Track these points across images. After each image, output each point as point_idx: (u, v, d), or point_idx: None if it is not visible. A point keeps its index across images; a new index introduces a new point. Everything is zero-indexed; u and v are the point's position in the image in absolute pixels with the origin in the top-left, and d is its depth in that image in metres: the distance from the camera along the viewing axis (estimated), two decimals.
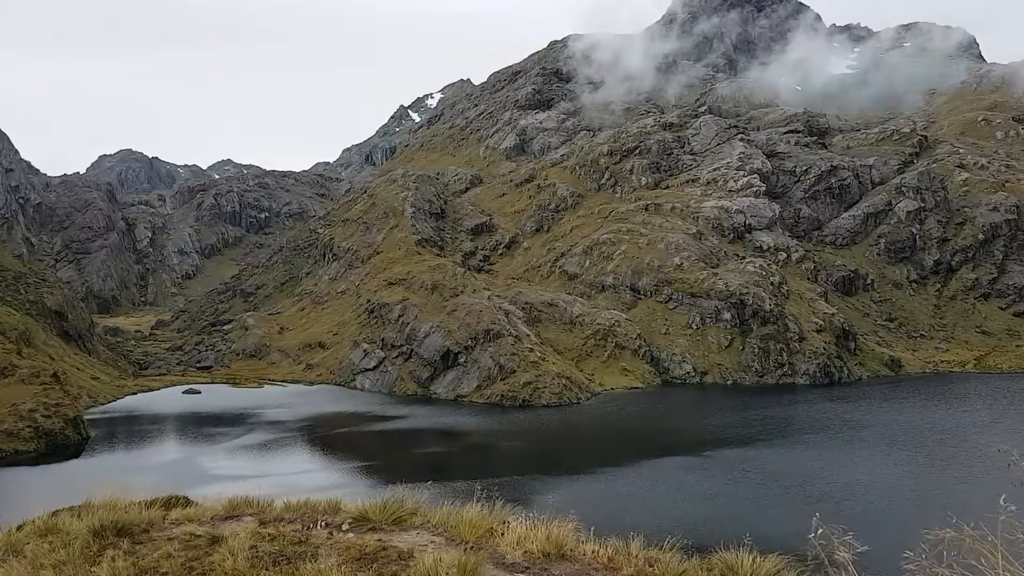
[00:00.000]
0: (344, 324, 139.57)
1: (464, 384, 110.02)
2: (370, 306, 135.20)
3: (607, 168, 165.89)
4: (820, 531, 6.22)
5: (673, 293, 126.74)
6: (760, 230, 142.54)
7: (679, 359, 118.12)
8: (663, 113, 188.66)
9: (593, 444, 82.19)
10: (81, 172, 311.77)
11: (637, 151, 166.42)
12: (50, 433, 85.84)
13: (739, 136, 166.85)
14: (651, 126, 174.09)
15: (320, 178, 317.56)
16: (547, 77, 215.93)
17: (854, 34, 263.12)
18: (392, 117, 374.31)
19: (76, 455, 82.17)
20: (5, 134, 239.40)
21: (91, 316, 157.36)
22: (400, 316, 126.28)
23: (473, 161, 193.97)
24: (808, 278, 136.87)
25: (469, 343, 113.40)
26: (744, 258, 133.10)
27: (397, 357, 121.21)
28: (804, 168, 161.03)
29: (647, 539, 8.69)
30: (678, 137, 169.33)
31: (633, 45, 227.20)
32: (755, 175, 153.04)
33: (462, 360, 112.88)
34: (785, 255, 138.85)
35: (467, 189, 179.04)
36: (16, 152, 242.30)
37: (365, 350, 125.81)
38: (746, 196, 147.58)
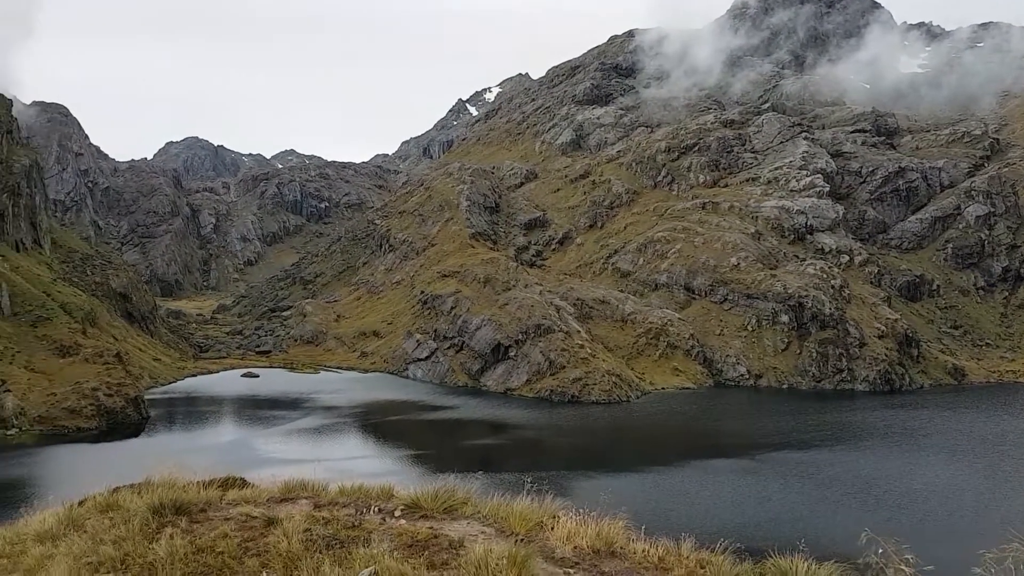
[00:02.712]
0: (398, 314, 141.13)
1: (514, 378, 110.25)
2: (424, 297, 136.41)
3: (664, 165, 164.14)
4: (873, 547, 6.02)
5: (729, 293, 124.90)
6: (822, 231, 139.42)
7: (733, 361, 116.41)
8: (724, 110, 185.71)
9: (642, 443, 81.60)
10: (148, 158, 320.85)
11: (696, 148, 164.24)
12: (111, 412, 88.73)
13: (803, 134, 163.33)
14: (711, 123, 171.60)
15: (379, 170, 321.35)
16: (606, 72, 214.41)
17: (927, 32, 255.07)
18: (450, 110, 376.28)
19: (136, 434, 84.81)
20: (76, 119, 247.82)
21: (154, 299, 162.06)
22: (452, 308, 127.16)
23: (529, 156, 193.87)
24: (871, 282, 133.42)
25: (519, 337, 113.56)
26: (804, 260, 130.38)
27: (449, 348, 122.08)
28: (870, 169, 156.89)
29: (697, 541, 8.56)
30: (739, 134, 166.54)
31: (702, 38, 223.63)
32: (818, 175, 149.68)
33: (512, 354, 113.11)
34: (848, 258, 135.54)
35: (522, 184, 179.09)
36: (86, 137, 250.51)
37: (418, 340, 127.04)
38: (808, 196, 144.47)
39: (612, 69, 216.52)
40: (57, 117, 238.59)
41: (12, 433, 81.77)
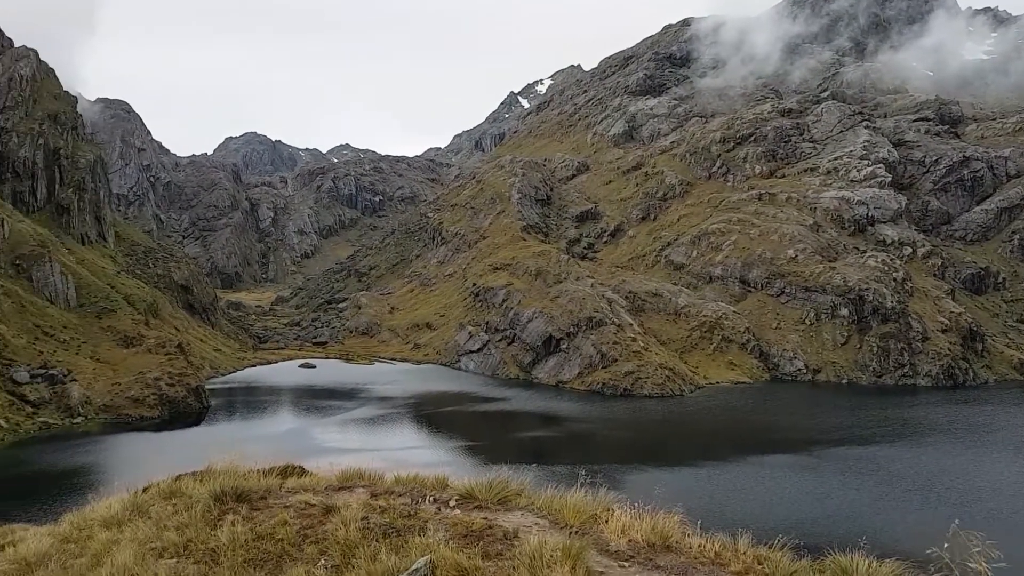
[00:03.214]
0: (450, 306, 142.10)
1: (566, 370, 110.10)
2: (475, 290, 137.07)
3: (719, 156, 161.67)
4: (957, 540, 5.82)
5: (786, 286, 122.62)
6: (884, 223, 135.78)
7: (790, 355, 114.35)
8: (782, 99, 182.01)
9: (696, 437, 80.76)
10: (208, 153, 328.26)
11: (752, 138, 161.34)
12: (173, 401, 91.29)
13: (864, 123, 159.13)
14: (768, 112, 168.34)
15: (431, 163, 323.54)
16: (659, 62, 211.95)
17: (994, 17, 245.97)
18: (502, 103, 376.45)
19: (197, 423, 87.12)
20: (138, 115, 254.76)
21: (215, 291, 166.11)
22: (504, 300, 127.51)
23: (580, 148, 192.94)
24: (935, 275, 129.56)
25: (571, 330, 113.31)
26: (865, 252, 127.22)
27: (500, 340, 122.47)
28: (934, 158, 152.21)
29: (753, 537, 8.43)
30: (797, 124, 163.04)
31: (759, 25, 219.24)
32: (880, 164, 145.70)
33: (564, 346, 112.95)
34: (910, 250, 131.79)
35: (573, 176, 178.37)
36: (148, 133, 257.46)
37: (470, 332, 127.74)
38: (869, 187, 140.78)
39: (666, 59, 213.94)
40: (120, 113, 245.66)
41: (78, 421, 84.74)
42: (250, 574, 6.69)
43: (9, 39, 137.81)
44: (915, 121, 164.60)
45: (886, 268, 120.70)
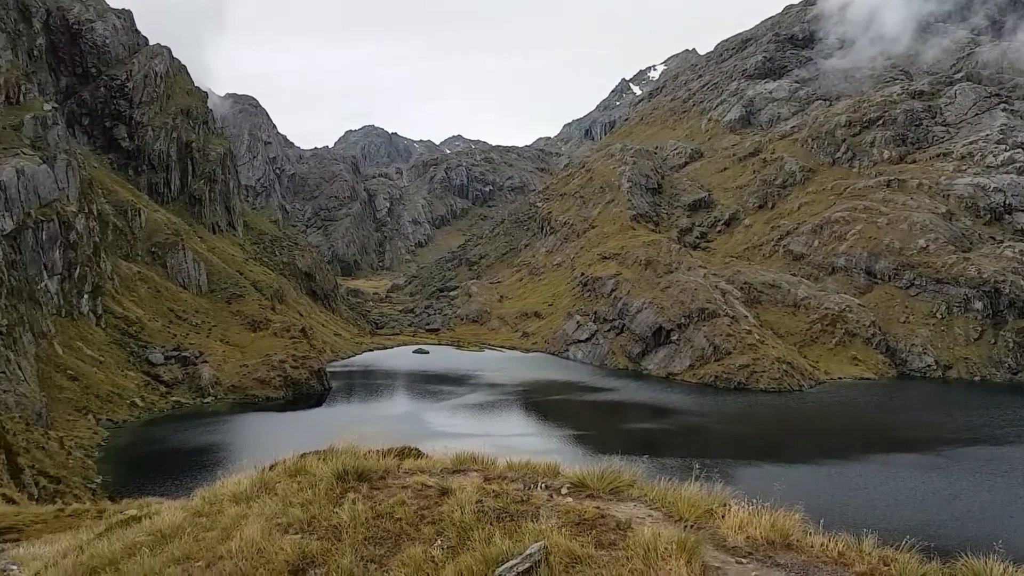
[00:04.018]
0: (559, 296, 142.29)
1: (676, 362, 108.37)
2: (584, 279, 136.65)
3: (843, 140, 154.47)
4: None
5: (916, 278, 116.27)
6: (1022, 211, 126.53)
7: (919, 350, 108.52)
8: (912, 80, 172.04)
9: (816, 434, 77.96)
10: (330, 146, 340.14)
11: (880, 122, 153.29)
12: (297, 382, 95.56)
13: (1001, 106, 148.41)
14: (898, 94, 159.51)
15: (541, 153, 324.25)
16: (780, 44, 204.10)
17: None
18: (613, 91, 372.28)
19: (318, 404, 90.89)
20: (264, 110, 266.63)
21: (335, 278, 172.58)
22: (613, 291, 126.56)
23: (694, 134, 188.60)
24: None
25: (682, 321, 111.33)
26: (1002, 242, 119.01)
27: (609, 331, 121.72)
28: None
29: (879, 537, 8.06)
30: (929, 107, 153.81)
31: (890, 4, 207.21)
32: (1018, 150, 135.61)
33: (674, 338, 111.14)
34: None
35: (686, 163, 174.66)
36: (274, 126, 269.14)
37: (578, 322, 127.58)
38: (1007, 173, 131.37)
39: (787, 40, 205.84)
40: (248, 108, 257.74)
41: (208, 401, 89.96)
42: (370, 551, 6.92)
43: (144, 37, 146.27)
44: None
45: None
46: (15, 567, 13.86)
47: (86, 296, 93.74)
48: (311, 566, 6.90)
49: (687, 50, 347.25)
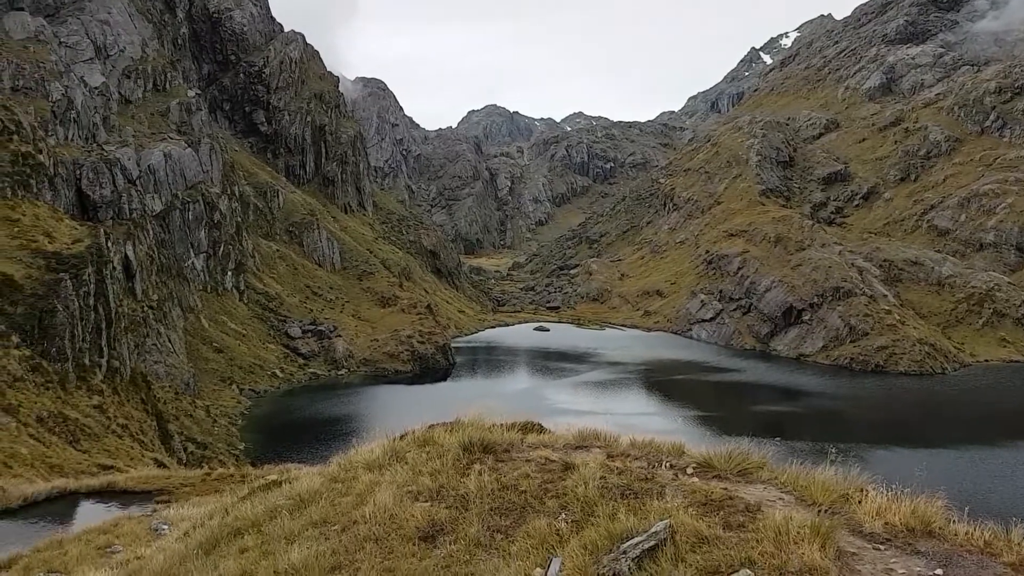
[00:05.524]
0: (681, 274, 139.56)
1: (808, 343, 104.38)
2: (708, 257, 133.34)
3: (993, 108, 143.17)
4: None
5: None
6: None
7: None
8: None
9: (960, 420, 73.47)
10: (453, 126, 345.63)
11: None
12: (423, 357, 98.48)
13: None
14: None
15: (664, 128, 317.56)
16: (923, 6, 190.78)
17: None
18: (741, 61, 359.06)
19: (444, 378, 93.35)
20: (392, 93, 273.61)
21: (459, 256, 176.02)
22: (739, 269, 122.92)
23: (829, 104, 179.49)
24: None
25: (814, 300, 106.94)
26: None
27: (735, 310, 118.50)
28: None
29: None
30: None
31: None
32: None
33: (806, 318, 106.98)
34: None
35: (820, 135, 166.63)
36: (400, 109, 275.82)
37: (702, 301, 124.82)
38: None
39: (931, 2, 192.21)
40: (376, 91, 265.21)
41: (342, 373, 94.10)
42: (496, 521, 7.05)
43: (279, 24, 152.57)
44: None
45: None
46: (166, 527, 15.05)
47: (230, 273, 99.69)
48: (440, 533, 7.10)
49: (822, 15, 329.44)
